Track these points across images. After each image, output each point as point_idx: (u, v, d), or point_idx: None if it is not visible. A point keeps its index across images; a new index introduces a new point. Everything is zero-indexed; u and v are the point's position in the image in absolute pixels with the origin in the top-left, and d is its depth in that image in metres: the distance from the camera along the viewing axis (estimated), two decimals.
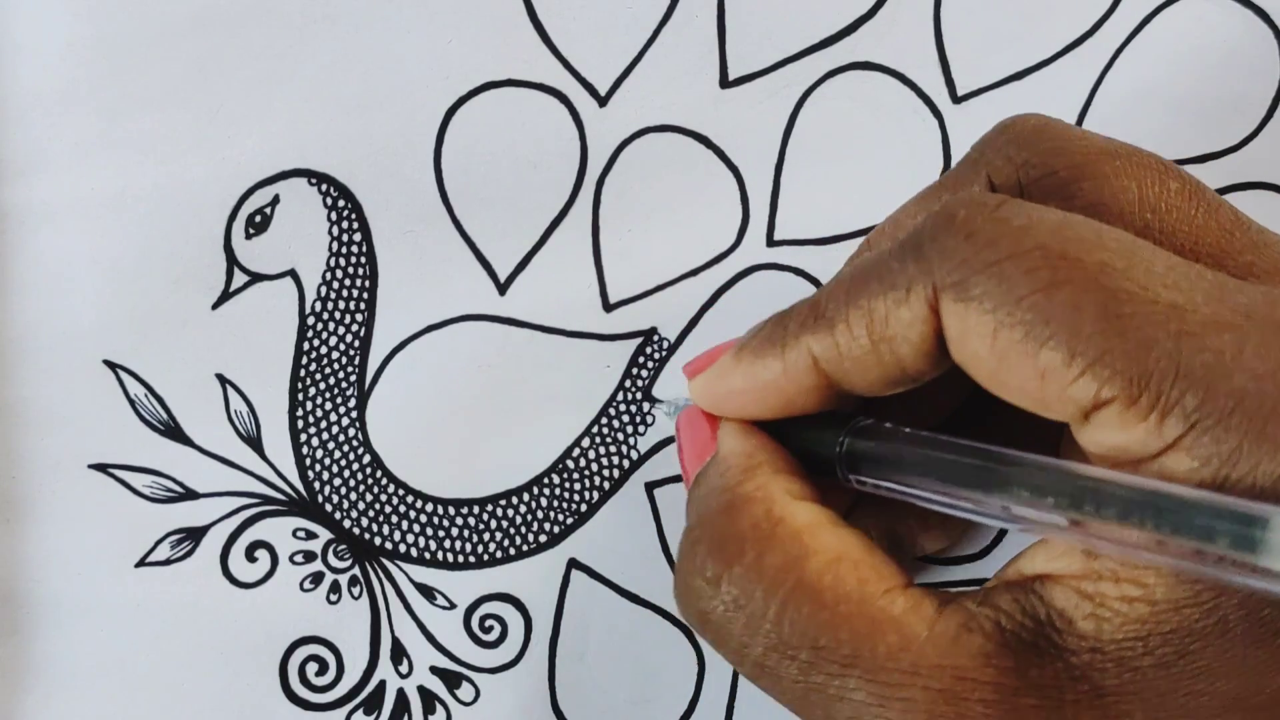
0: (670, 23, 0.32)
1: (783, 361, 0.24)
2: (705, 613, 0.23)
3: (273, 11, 0.32)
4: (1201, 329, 0.20)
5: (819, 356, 0.24)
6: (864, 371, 0.23)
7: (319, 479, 0.33)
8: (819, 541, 0.23)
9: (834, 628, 0.22)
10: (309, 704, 0.33)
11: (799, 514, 0.23)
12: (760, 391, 0.25)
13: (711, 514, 0.24)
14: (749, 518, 0.23)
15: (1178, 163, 0.32)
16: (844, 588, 0.22)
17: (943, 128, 0.33)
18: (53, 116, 0.32)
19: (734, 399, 0.26)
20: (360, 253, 0.33)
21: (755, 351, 0.25)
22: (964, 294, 0.21)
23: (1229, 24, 0.32)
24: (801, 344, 0.24)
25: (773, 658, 0.22)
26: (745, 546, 0.23)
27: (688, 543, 0.24)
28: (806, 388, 0.24)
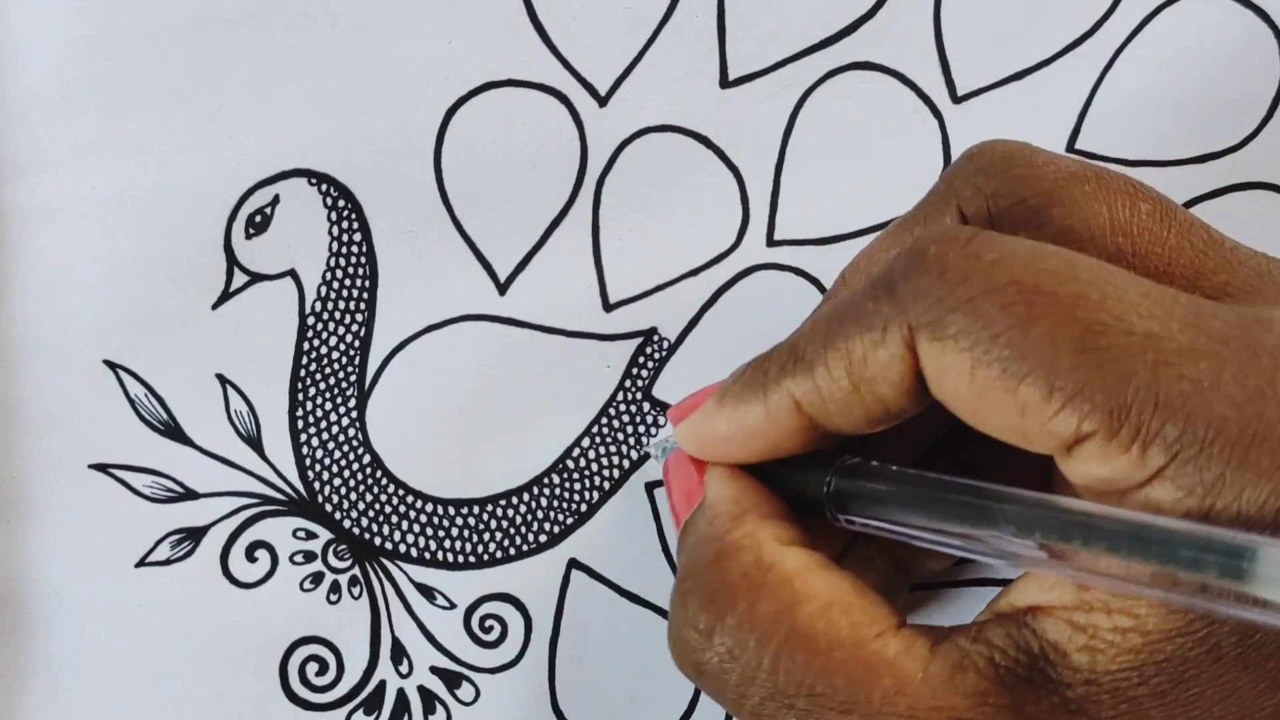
0: (670, 23, 0.32)
1: (765, 406, 0.24)
2: (700, 664, 0.23)
3: (273, 11, 0.32)
4: (1179, 358, 0.20)
5: (800, 400, 0.24)
6: (847, 412, 0.23)
7: (319, 479, 0.33)
8: (810, 587, 0.23)
9: (829, 674, 0.22)
10: (309, 704, 0.33)
11: (789, 560, 0.23)
12: (745, 436, 0.25)
13: (701, 564, 0.24)
14: (739, 566, 0.23)
15: (1177, 164, 0.32)
16: (837, 633, 0.22)
17: (943, 128, 0.33)
18: (53, 116, 0.32)
19: (719, 444, 0.26)
20: (360, 253, 0.33)
21: (737, 396, 0.25)
22: (939, 333, 0.21)
23: (1229, 24, 0.32)
24: (783, 388, 0.24)
25: (770, 707, 0.22)
26: (737, 596, 0.23)
27: (679, 594, 0.24)
28: (790, 430, 0.24)
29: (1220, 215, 0.33)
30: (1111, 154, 0.33)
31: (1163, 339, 0.20)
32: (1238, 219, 0.33)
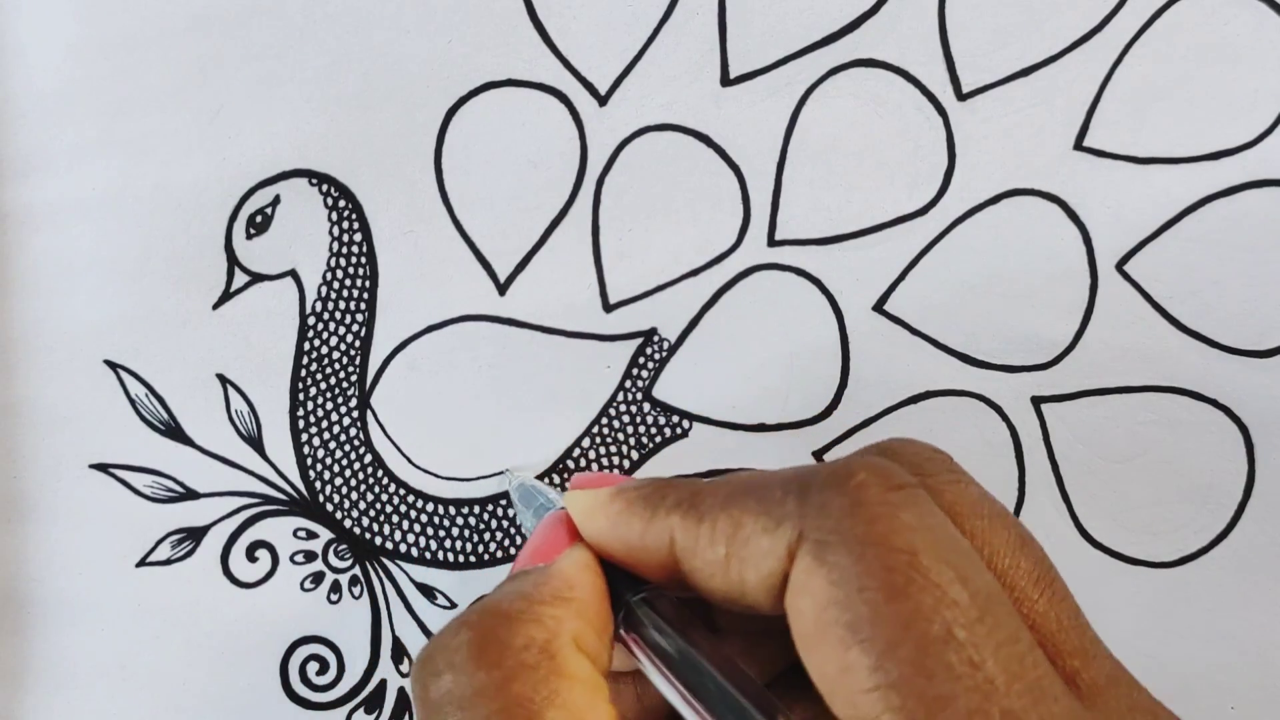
0: (671, 21, 0.32)
1: (646, 528, 0.24)
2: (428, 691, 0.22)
3: (273, 11, 0.32)
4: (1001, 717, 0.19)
5: (678, 540, 0.23)
6: (709, 577, 0.23)
7: (320, 479, 0.33)
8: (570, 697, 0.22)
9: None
10: (310, 703, 0.33)
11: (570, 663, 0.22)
12: (616, 540, 0.25)
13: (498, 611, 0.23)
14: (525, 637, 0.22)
15: (1189, 161, 0.32)
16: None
17: (947, 126, 0.32)
18: (53, 116, 0.32)
19: (594, 532, 0.25)
20: (360, 253, 0.33)
21: (629, 505, 0.25)
22: (820, 556, 0.21)
23: (1241, 18, 0.32)
24: (668, 523, 0.24)
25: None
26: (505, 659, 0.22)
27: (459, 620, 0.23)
28: (656, 560, 0.24)
29: (1234, 214, 0.32)
30: (1121, 151, 0.32)
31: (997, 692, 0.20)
32: (1251, 217, 0.32)
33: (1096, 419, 0.33)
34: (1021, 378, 0.33)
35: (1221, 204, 0.32)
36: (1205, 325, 0.32)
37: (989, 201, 0.32)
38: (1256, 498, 0.33)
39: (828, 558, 0.21)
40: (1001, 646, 0.20)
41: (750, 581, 0.22)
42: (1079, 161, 0.32)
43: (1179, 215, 0.32)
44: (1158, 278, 0.32)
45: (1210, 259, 0.32)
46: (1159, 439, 0.33)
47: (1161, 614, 0.33)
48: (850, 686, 0.20)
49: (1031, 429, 0.33)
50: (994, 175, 0.32)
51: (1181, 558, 0.33)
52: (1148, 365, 0.33)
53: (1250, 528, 0.33)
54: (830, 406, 0.33)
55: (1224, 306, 0.32)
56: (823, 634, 0.20)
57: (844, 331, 0.33)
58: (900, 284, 0.33)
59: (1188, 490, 0.33)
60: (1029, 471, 0.33)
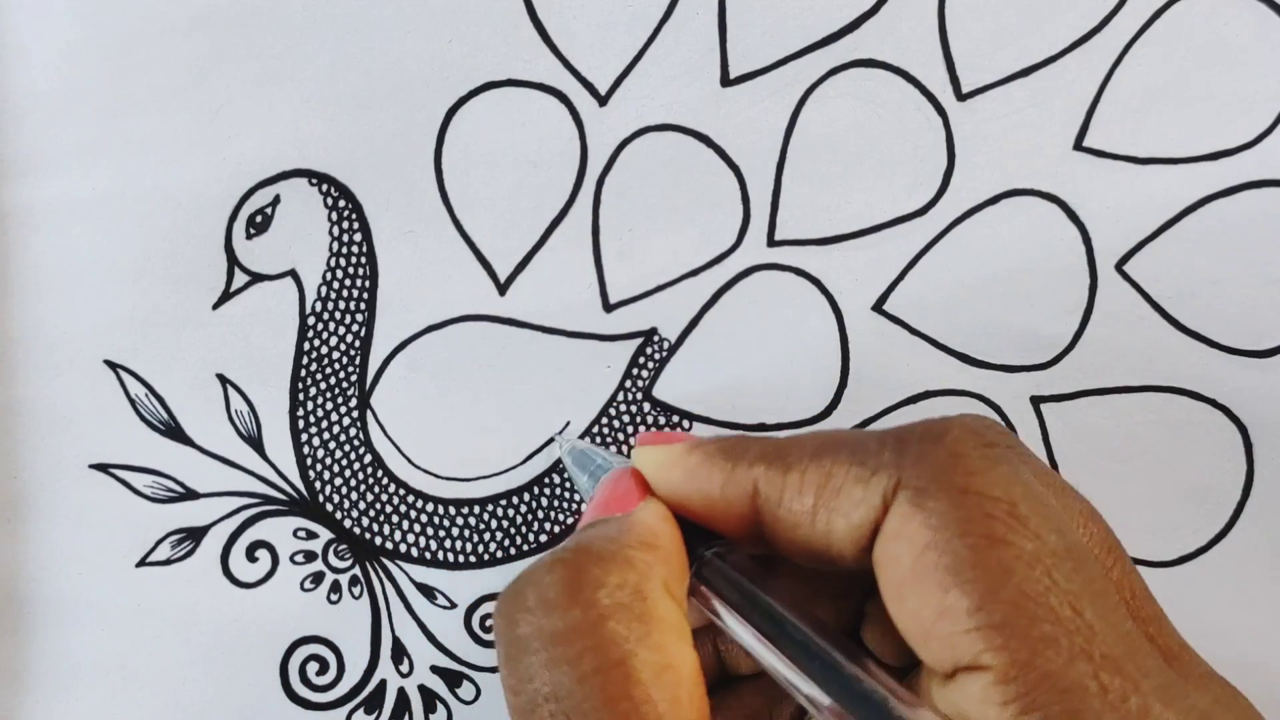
0: (671, 21, 0.32)
1: (726, 480, 0.24)
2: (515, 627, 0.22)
3: (273, 11, 0.32)
4: (1102, 660, 0.20)
5: (761, 491, 0.24)
6: (791, 528, 0.23)
7: (320, 479, 0.33)
8: (661, 639, 0.22)
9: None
10: (310, 703, 0.33)
11: (662, 605, 0.22)
12: (692, 496, 0.25)
13: (591, 550, 0.23)
14: (619, 577, 0.22)
15: (1189, 161, 0.32)
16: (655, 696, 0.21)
17: (947, 126, 0.32)
18: (53, 116, 0.32)
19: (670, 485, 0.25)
20: (360, 253, 0.33)
21: (708, 456, 0.25)
22: (920, 501, 0.21)
23: (1241, 18, 0.32)
24: (751, 474, 0.24)
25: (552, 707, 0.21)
26: (598, 598, 0.22)
27: (551, 557, 0.23)
28: (734, 514, 0.24)
29: (1233, 214, 0.32)
30: (1120, 151, 0.32)
31: (1098, 636, 0.20)
32: (1251, 217, 0.32)
33: (1096, 419, 0.33)
34: (1021, 377, 0.33)
35: (1221, 204, 0.32)
36: (1204, 325, 0.32)
37: (989, 201, 0.32)
38: (1255, 497, 0.33)
39: (927, 504, 0.21)
40: (1098, 597, 0.20)
41: (838, 531, 0.22)
42: (1078, 162, 0.32)
43: (1178, 215, 0.32)
44: (1157, 278, 0.32)
45: (1210, 259, 0.32)
46: (1158, 439, 0.33)
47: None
48: (948, 628, 0.20)
49: (1031, 429, 0.33)
50: (993, 175, 0.32)
51: (1180, 557, 0.33)
52: (1147, 365, 0.33)
53: (1249, 527, 0.33)
54: (830, 406, 0.33)
55: (1223, 307, 0.32)
56: (920, 577, 0.21)
57: (843, 331, 0.33)
58: (900, 284, 0.33)
59: (1187, 490, 0.33)
60: None
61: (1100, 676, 0.19)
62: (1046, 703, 0.19)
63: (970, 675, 0.20)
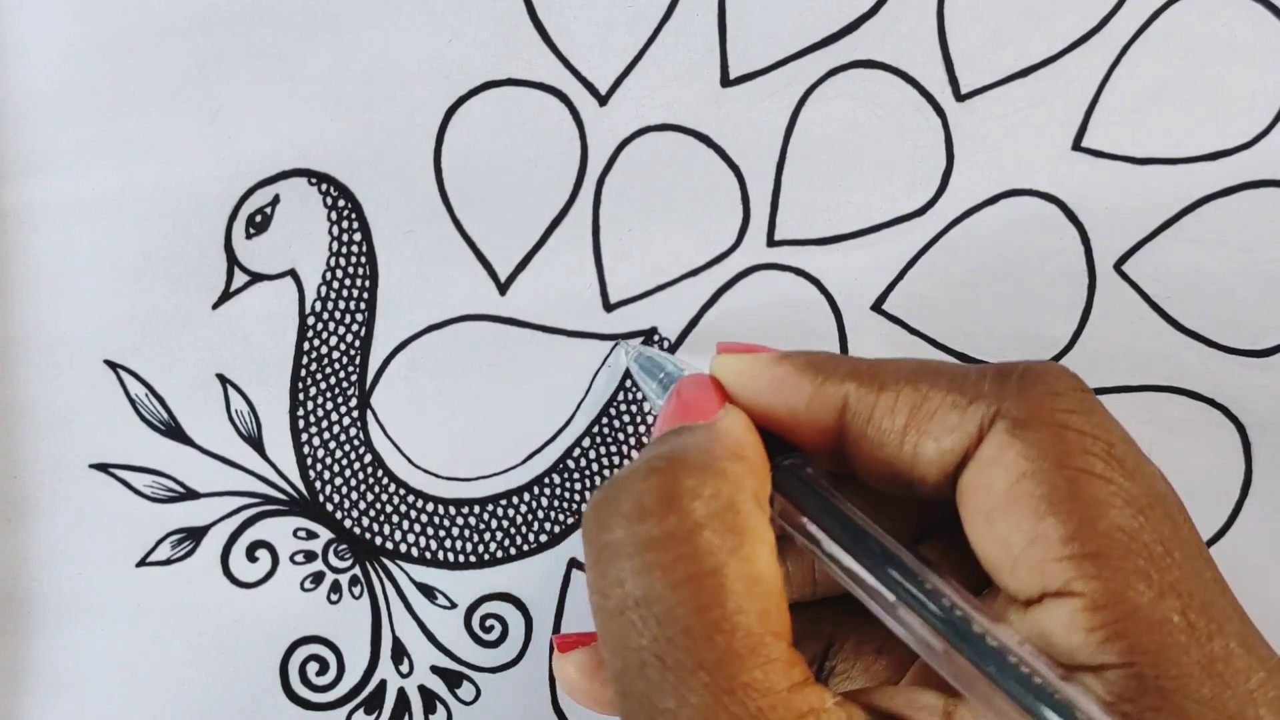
0: (671, 21, 0.32)
1: (815, 391, 0.24)
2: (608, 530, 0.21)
3: (273, 11, 0.32)
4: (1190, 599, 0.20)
5: (851, 406, 0.23)
6: (878, 446, 0.23)
7: (320, 479, 0.33)
8: (752, 550, 0.21)
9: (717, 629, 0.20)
10: (310, 703, 0.33)
11: (754, 518, 0.22)
12: (775, 407, 0.24)
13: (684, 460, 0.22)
14: (713, 487, 0.22)
15: (1187, 161, 0.32)
16: (746, 606, 0.21)
17: (946, 126, 0.32)
18: (53, 116, 0.32)
19: (751, 388, 0.25)
20: (360, 253, 0.33)
21: (798, 366, 0.24)
22: (1020, 431, 0.21)
23: (1239, 18, 0.32)
24: (842, 389, 0.24)
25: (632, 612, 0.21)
26: (694, 508, 0.21)
27: (645, 465, 0.22)
28: (818, 423, 0.24)
29: (1232, 214, 0.32)
30: (1119, 152, 0.32)
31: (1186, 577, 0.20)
32: (1250, 217, 0.32)
33: None
34: None
35: (1219, 204, 0.32)
36: (1203, 325, 0.32)
37: (988, 201, 0.32)
38: (1254, 497, 0.33)
39: (1026, 435, 0.21)
40: (1185, 543, 0.21)
41: (927, 454, 0.23)
42: (1077, 162, 0.32)
43: (1177, 215, 0.32)
44: (1156, 277, 0.32)
45: (1208, 259, 0.32)
46: (1157, 438, 0.33)
47: None
48: (1040, 555, 0.21)
49: None
50: (992, 175, 0.32)
51: None
52: (1146, 365, 0.33)
53: (1247, 526, 0.33)
54: None
55: (1222, 306, 0.32)
56: (1014, 504, 0.21)
57: (843, 331, 0.33)
58: (899, 283, 0.33)
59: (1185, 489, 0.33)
60: None
61: (1188, 614, 0.20)
62: (1135, 633, 0.20)
63: (1058, 600, 0.20)
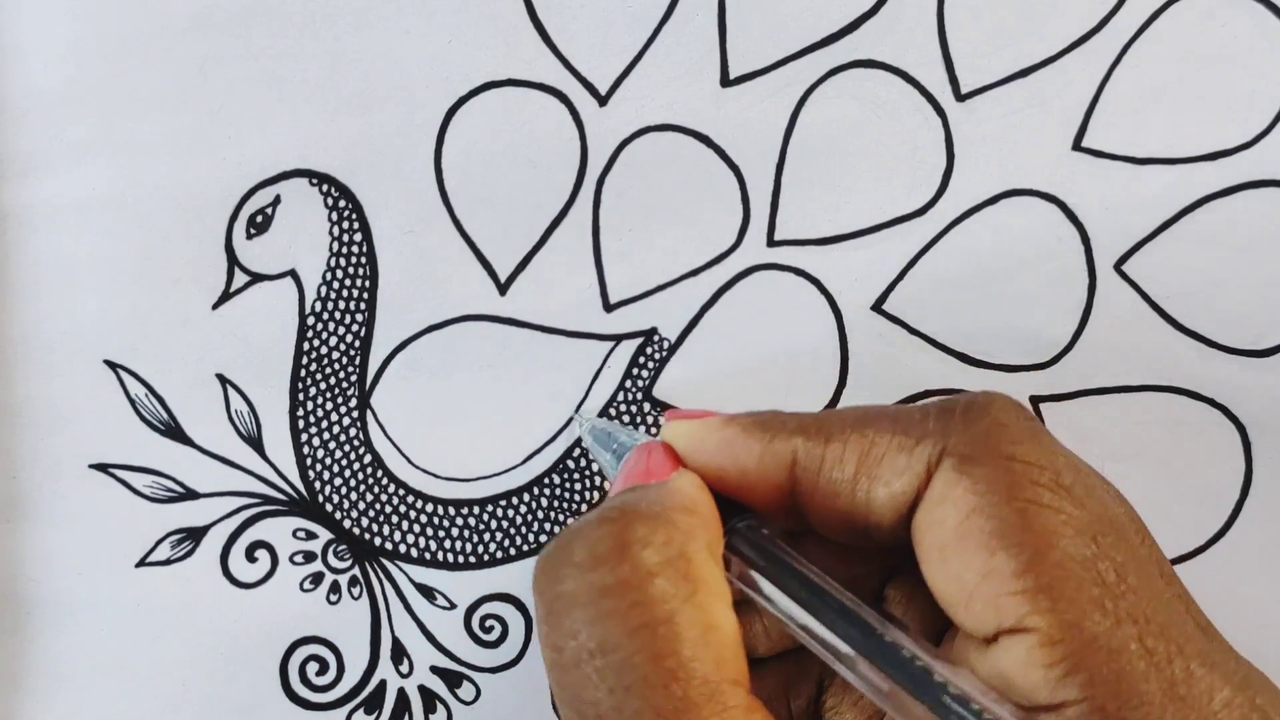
0: (671, 21, 0.32)
1: (763, 450, 0.24)
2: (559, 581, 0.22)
3: (273, 11, 0.32)
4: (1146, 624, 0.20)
5: (800, 460, 0.24)
6: (830, 497, 0.23)
7: (319, 479, 0.33)
8: (705, 600, 0.22)
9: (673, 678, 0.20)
10: (309, 703, 0.33)
11: (706, 567, 0.22)
12: (726, 468, 0.25)
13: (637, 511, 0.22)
14: (664, 535, 0.22)
15: (1187, 161, 0.32)
16: (701, 654, 0.21)
17: (946, 126, 0.32)
18: (53, 116, 0.32)
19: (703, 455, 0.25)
20: (360, 253, 0.33)
21: (744, 428, 0.25)
22: (967, 468, 0.21)
23: (1239, 19, 0.32)
24: (790, 444, 0.24)
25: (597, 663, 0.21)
26: (645, 556, 0.21)
27: (598, 515, 0.22)
28: (770, 484, 0.24)
29: (1232, 214, 0.32)
30: (1119, 152, 0.32)
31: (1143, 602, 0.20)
32: (1249, 218, 0.32)
33: (1095, 419, 0.33)
34: (1020, 377, 0.33)
35: (1219, 204, 0.32)
36: (1203, 325, 0.32)
37: (988, 202, 0.32)
38: (1254, 497, 0.33)
39: (973, 470, 0.21)
40: (1141, 565, 0.21)
41: (879, 499, 0.23)
42: (1077, 162, 0.32)
43: (1177, 215, 0.32)
44: (1156, 278, 0.32)
45: (1208, 259, 0.32)
46: (1157, 438, 0.33)
47: None
48: (994, 590, 0.20)
49: None
50: (993, 176, 0.32)
51: (1179, 556, 0.33)
52: (1146, 365, 0.33)
53: (1248, 527, 0.33)
54: (829, 406, 0.33)
55: (1222, 306, 0.32)
56: (965, 540, 0.21)
57: (843, 331, 0.33)
58: (899, 284, 0.33)
59: (1185, 489, 0.33)
60: None
61: (1145, 640, 0.20)
62: (1093, 665, 0.19)
63: (1014, 638, 0.20)
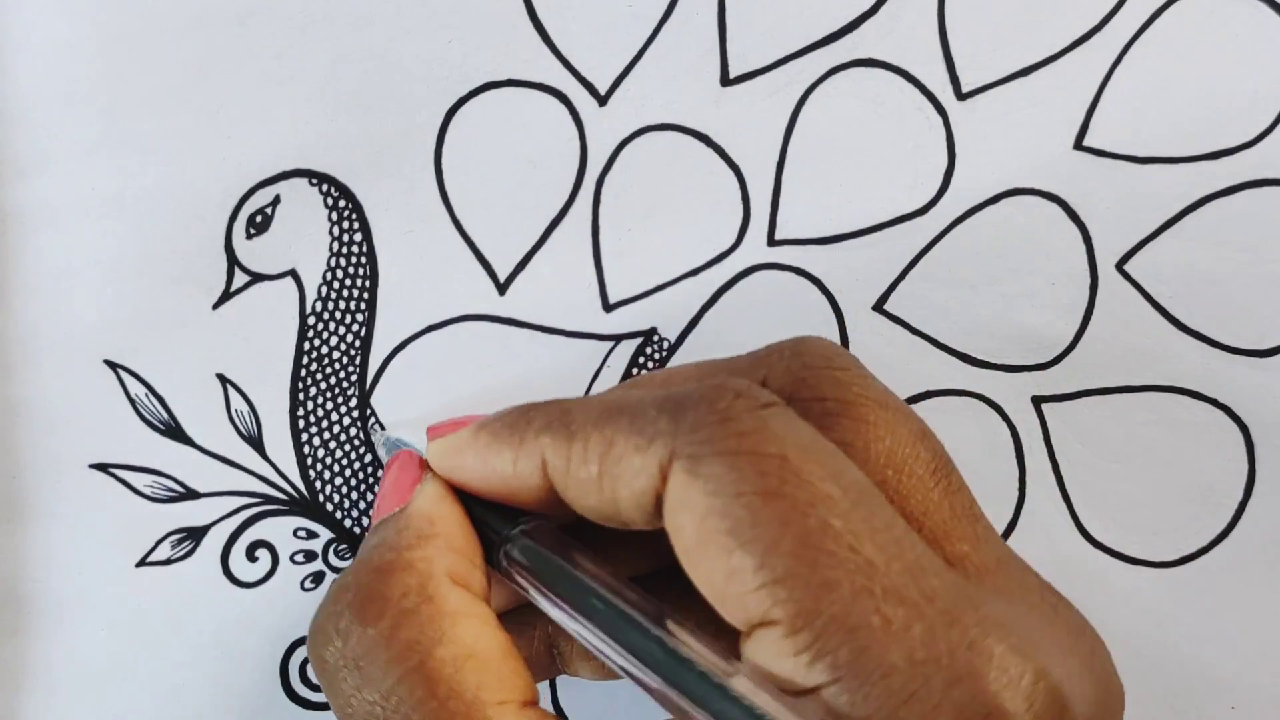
0: (670, 20, 0.32)
1: (515, 455, 0.24)
2: (324, 659, 0.23)
3: (273, 11, 0.32)
4: (883, 594, 0.20)
5: (549, 464, 0.24)
6: (584, 496, 0.23)
7: (320, 478, 0.33)
8: (456, 631, 0.23)
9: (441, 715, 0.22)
10: (310, 703, 0.33)
11: (450, 599, 0.23)
12: (488, 477, 0.25)
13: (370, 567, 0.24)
14: (401, 585, 0.23)
15: (1189, 160, 0.32)
16: (460, 686, 0.22)
17: (947, 125, 0.32)
18: (53, 116, 0.32)
19: (464, 474, 0.26)
20: (360, 253, 0.33)
21: (494, 435, 0.25)
22: (694, 469, 0.21)
23: (1241, 17, 0.32)
24: (538, 445, 0.24)
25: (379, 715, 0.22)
26: (386, 611, 0.23)
27: (338, 586, 0.24)
28: (532, 487, 0.24)
29: (1234, 213, 0.32)
30: (1121, 151, 0.32)
31: (878, 571, 0.20)
32: (1252, 216, 0.32)
33: (1097, 419, 0.33)
34: (1021, 377, 0.33)
35: (1222, 204, 0.32)
36: (1205, 325, 0.32)
37: (989, 201, 0.32)
38: (1257, 498, 0.33)
39: (702, 470, 0.21)
40: (877, 532, 0.21)
41: (623, 499, 0.23)
42: (1079, 161, 0.32)
43: (1179, 215, 0.32)
44: (1158, 277, 0.32)
45: (1210, 259, 0.32)
46: (1159, 439, 0.33)
47: (1161, 614, 0.33)
48: (738, 589, 0.21)
49: (1031, 429, 0.33)
50: (994, 175, 0.32)
51: (1182, 557, 0.33)
52: (1148, 365, 0.33)
53: (1250, 528, 0.33)
54: None
55: (1224, 306, 0.32)
56: (705, 544, 0.21)
57: (844, 331, 0.33)
58: (900, 283, 0.33)
59: (1188, 490, 0.33)
60: (1029, 471, 0.33)
61: (882, 609, 0.20)
62: (835, 646, 0.20)
63: (764, 631, 0.20)
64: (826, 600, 0.20)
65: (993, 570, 0.23)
